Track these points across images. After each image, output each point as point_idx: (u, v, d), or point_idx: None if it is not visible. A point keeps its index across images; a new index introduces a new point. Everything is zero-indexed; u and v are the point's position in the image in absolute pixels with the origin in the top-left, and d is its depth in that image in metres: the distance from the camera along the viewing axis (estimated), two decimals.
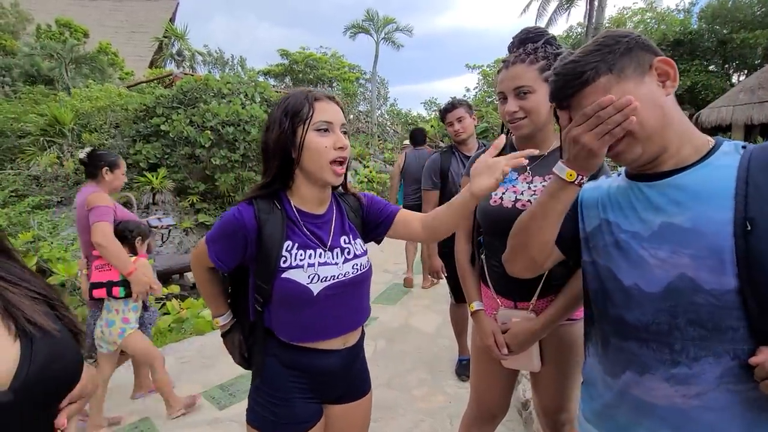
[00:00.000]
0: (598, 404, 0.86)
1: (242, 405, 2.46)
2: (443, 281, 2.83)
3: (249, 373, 1.16)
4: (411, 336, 3.46)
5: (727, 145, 0.76)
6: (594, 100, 0.73)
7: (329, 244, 1.09)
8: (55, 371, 0.56)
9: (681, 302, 0.70)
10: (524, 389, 2.24)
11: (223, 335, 1.22)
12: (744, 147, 0.74)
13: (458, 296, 2.66)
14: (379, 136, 14.24)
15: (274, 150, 1.03)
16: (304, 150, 1.01)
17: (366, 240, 1.23)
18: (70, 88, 10.49)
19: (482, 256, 1.40)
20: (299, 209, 1.09)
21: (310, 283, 1.03)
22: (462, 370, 2.75)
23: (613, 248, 0.81)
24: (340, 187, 1.17)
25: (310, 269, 1.03)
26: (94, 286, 2.17)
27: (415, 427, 2.28)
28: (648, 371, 0.75)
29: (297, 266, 1.03)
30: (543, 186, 1.24)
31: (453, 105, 2.51)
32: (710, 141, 0.77)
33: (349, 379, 1.17)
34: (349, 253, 1.11)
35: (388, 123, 13.53)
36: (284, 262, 1.02)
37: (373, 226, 1.21)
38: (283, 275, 1.02)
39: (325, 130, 1.01)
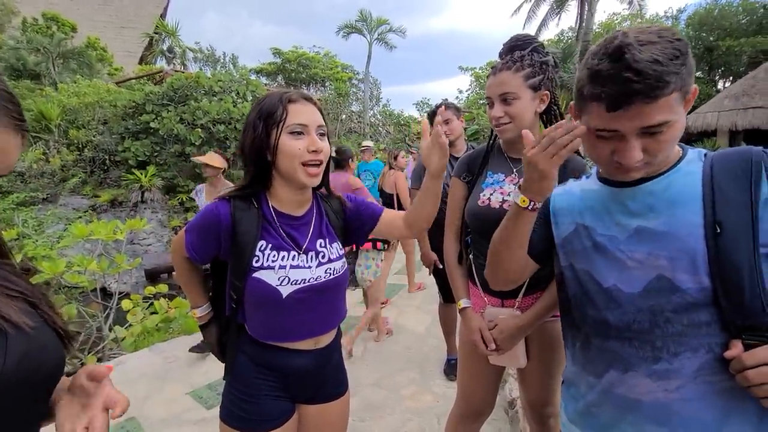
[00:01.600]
0: (581, 404, 0.88)
1: None
2: (431, 283, 2.85)
3: None
4: (401, 336, 3.48)
5: (690, 153, 0.79)
6: (659, 117, 0.68)
7: (304, 246, 1.08)
8: (33, 366, 0.57)
9: (660, 301, 0.73)
10: (510, 388, 2.26)
11: (202, 327, 1.22)
12: (705, 155, 0.78)
13: (447, 296, 2.68)
14: (371, 137, 14.25)
15: (249, 153, 1.03)
16: (278, 153, 1.00)
17: (349, 241, 1.23)
18: (57, 83, 10.31)
19: (470, 256, 1.43)
20: (277, 210, 1.08)
21: (280, 285, 1.02)
22: (450, 369, 2.77)
23: (592, 251, 0.83)
24: (324, 189, 1.18)
25: (281, 271, 1.02)
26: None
27: (403, 426, 2.29)
28: (631, 369, 0.77)
29: (268, 267, 1.02)
30: None
31: (439, 108, 2.54)
32: (677, 152, 0.79)
33: (322, 379, 1.16)
34: (323, 257, 1.10)
35: (381, 123, 13.54)
36: (256, 261, 1.02)
37: (357, 226, 1.21)
38: (254, 275, 1.01)
39: (299, 133, 1.00)
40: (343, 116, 13.93)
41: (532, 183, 0.80)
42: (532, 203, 0.83)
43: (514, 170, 1.32)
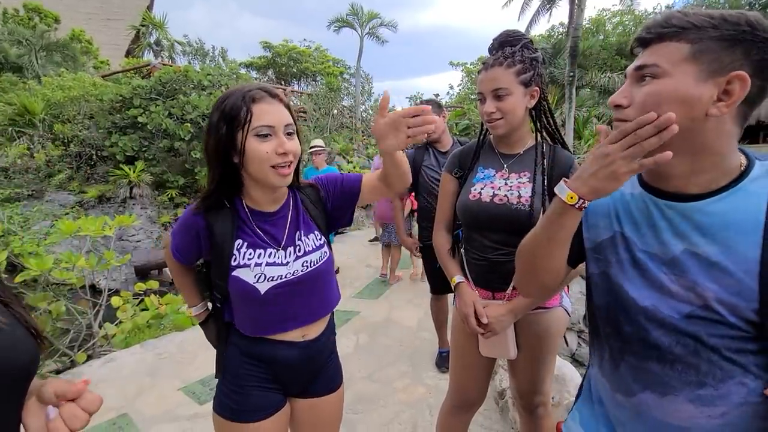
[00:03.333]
0: (605, 419, 0.84)
1: None
2: (418, 284, 2.90)
3: None
4: (393, 330, 3.51)
5: (758, 167, 0.68)
6: (650, 58, 0.66)
7: (283, 242, 1.07)
8: (6, 363, 0.57)
9: (705, 329, 0.67)
10: (501, 379, 2.31)
11: (201, 324, 1.24)
12: None
13: (437, 288, 2.72)
14: (363, 132, 14.19)
15: (215, 157, 0.99)
16: (245, 157, 0.96)
17: (336, 225, 1.21)
18: (41, 76, 10.08)
19: (461, 250, 1.45)
20: (251, 208, 1.07)
21: (257, 282, 1.03)
22: (442, 362, 2.81)
23: (629, 266, 0.76)
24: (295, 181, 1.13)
25: (257, 269, 1.03)
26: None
27: (396, 417, 2.32)
28: (671, 392, 0.71)
29: (245, 265, 1.03)
30: (519, 182, 1.29)
31: None
32: (742, 161, 0.69)
33: (312, 372, 1.17)
34: (299, 250, 1.09)
35: (372, 118, 13.49)
36: (234, 260, 1.03)
37: (343, 204, 1.18)
38: (233, 273, 1.03)
39: (266, 135, 0.95)
40: (335, 111, 13.84)
41: (592, 179, 0.69)
42: (582, 201, 0.72)
43: (505, 166, 1.34)
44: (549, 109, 1.34)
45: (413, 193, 2.73)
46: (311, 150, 4.50)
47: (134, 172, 6.84)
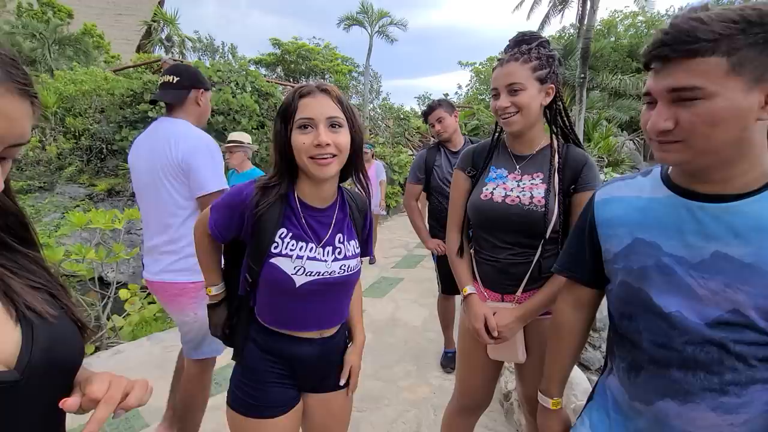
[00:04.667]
0: (620, 427, 0.84)
1: None
2: (430, 277, 2.88)
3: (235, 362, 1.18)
4: (398, 329, 3.51)
5: None
6: (688, 79, 0.62)
7: (324, 240, 1.09)
8: (57, 355, 0.58)
9: (732, 335, 0.66)
10: (506, 381, 2.30)
11: (211, 306, 1.23)
12: None
13: (446, 288, 2.71)
14: (370, 130, 14.21)
15: (275, 150, 1.06)
16: (291, 147, 1.02)
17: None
18: (53, 70, 10.19)
19: (471, 250, 1.44)
20: (302, 201, 1.10)
21: (295, 274, 1.04)
22: (447, 362, 2.81)
23: (654, 271, 0.74)
24: (355, 179, 1.16)
25: (298, 261, 1.04)
26: None
27: (400, 417, 2.32)
28: (692, 400, 0.70)
29: (286, 255, 1.04)
30: (531, 183, 1.28)
31: (432, 107, 2.57)
32: None
33: (326, 369, 1.19)
34: (340, 252, 1.11)
35: (380, 117, 13.49)
36: (275, 248, 1.04)
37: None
38: (271, 260, 1.03)
39: (306, 127, 1.00)
40: None
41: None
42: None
43: (518, 167, 1.32)
44: (564, 108, 1.32)
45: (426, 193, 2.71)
46: (227, 145, 3.36)
47: None
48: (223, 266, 1.24)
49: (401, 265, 5.32)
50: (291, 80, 20.61)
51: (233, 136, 3.52)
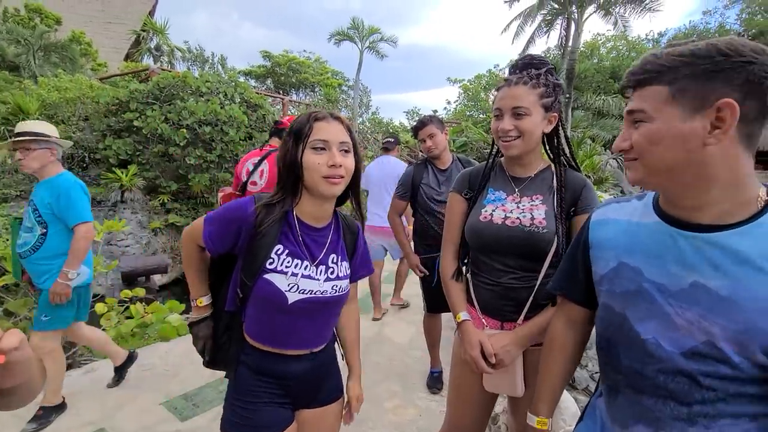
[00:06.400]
0: None
1: (206, 416, 2.37)
2: (415, 293, 2.84)
3: (214, 382, 1.17)
4: (384, 347, 3.44)
5: None
6: (637, 104, 0.70)
7: (319, 259, 1.12)
8: None
9: (705, 367, 0.66)
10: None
11: (194, 324, 1.20)
12: None
13: (431, 306, 2.67)
14: (359, 143, 14.26)
15: (284, 167, 1.10)
16: (303, 167, 1.06)
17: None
18: (37, 76, 10.01)
19: (467, 275, 1.39)
20: (299, 219, 1.13)
21: (288, 291, 1.06)
22: (433, 382, 2.75)
23: (635, 296, 0.74)
24: (354, 201, 1.22)
25: (292, 278, 1.06)
26: None
27: None
28: (662, 427, 0.71)
29: (281, 271, 1.06)
30: (531, 204, 1.25)
31: (423, 122, 2.56)
32: (761, 196, 0.67)
33: (319, 382, 1.20)
34: (332, 272, 1.14)
35: (369, 131, 13.56)
36: (270, 263, 1.06)
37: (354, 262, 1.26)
38: (265, 276, 1.05)
39: (321, 148, 1.05)
40: None
41: None
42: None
43: (516, 190, 1.29)
44: (566, 136, 1.31)
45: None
46: (15, 140, 2.21)
47: (127, 176, 6.75)
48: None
49: (388, 280, 5.27)
50: (281, 92, 20.66)
51: (26, 126, 2.26)
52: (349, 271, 1.20)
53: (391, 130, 14.07)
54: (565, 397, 1.76)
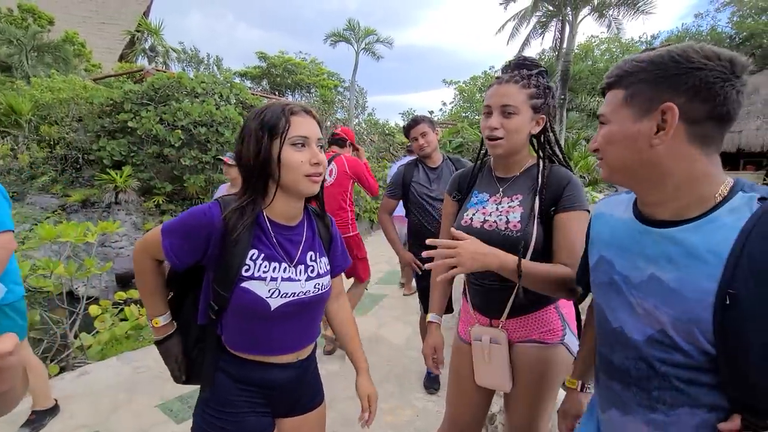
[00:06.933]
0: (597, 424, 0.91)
1: None
2: (413, 298, 2.85)
3: None
4: (381, 347, 3.43)
5: (740, 198, 0.66)
6: (602, 107, 0.77)
7: (296, 259, 1.06)
8: None
9: (662, 355, 0.70)
10: (492, 402, 2.25)
11: (160, 342, 1.09)
12: (763, 199, 0.64)
13: (427, 306, 2.67)
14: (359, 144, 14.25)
15: (253, 164, 0.99)
16: (281, 165, 0.98)
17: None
18: (30, 76, 9.93)
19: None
20: (271, 219, 1.05)
21: (270, 297, 0.99)
22: (430, 383, 2.75)
23: (608, 288, 0.80)
24: (317, 206, 1.19)
25: (272, 283, 1.00)
26: None
27: None
28: (629, 412, 0.76)
29: (259, 278, 0.99)
30: (509, 206, 1.25)
31: (416, 121, 2.56)
32: (721, 192, 0.67)
33: (301, 391, 1.16)
34: (312, 271, 1.08)
35: (365, 132, 13.56)
36: (246, 271, 0.98)
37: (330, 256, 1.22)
38: (243, 284, 0.97)
39: (302, 145, 0.99)
40: (328, 123, 13.88)
41: None
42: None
43: (501, 189, 1.30)
44: (556, 139, 1.30)
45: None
46: None
47: (121, 177, 6.71)
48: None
49: (384, 281, 5.27)
50: (276, 93, 20.63)
51: None
52: (329, 267, 1.15)
53: (387, 131, 14.09)
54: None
